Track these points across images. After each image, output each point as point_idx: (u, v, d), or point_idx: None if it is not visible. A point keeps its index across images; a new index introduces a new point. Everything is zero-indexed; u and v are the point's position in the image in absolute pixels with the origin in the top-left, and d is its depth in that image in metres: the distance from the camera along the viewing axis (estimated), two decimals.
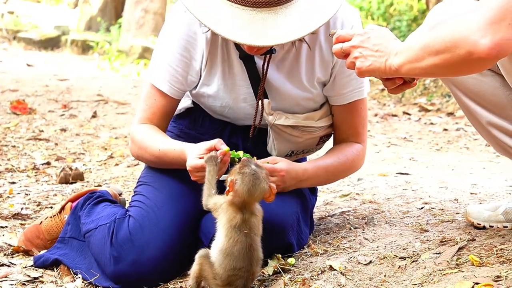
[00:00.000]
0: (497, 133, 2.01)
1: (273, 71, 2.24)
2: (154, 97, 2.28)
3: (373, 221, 2.46)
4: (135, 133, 2.30)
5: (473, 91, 2.01)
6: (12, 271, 2.26)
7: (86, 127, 5.23)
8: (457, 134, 5.10)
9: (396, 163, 3.76)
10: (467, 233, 2.10)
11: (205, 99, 2.31)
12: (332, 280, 1.97)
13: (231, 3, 2.00)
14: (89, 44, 12.51)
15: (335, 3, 2.08)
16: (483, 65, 1.63)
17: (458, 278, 1.74)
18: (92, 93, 6.85)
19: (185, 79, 2.25)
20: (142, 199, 2.24)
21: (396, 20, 12.04)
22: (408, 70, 1.75)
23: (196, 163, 2.05)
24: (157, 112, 2.29)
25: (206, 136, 2.35)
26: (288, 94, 2.26)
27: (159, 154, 2.23)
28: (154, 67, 2.27)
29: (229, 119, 2.34)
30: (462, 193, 2.80)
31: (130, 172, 3.74)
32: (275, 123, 2.25)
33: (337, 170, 2.32)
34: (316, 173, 2.26)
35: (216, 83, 2.26)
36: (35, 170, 3.84)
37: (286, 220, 2.17)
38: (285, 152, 2.31)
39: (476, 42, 1.57)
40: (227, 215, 1.90)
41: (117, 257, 2.13)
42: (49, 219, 2.50)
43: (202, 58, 2.23)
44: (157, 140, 2.24)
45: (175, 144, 2.20)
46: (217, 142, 2.07)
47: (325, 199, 2.91)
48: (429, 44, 1.67)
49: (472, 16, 1.59)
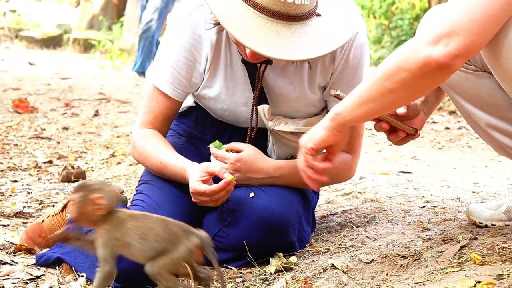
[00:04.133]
0: (496, 135, 2.01)
1: (275, 77, 2.24)
2: (157, 99, 2.27)
3: (375, 219, 2.46)
4: (137, 140, 2.30)
5: (471, 94, 2.00)
6: (14, 269, 2.26)
7: (88, 125, 5.23)
8: (459, 132, 5.10)
9: (398, 161, 3.76)
10: (469, 232, 2.10)
11: (206, 101, 2.31)
12: (334, 279, 1.97)
13: (249, 8, 1.99)
14: (91, 43, 12.53)
15: (348, 31, 2.08)
16: (442, 74, 1.68)
17: (460, 277, 1.73)
18: (94, 91, 6.85)
19: (189, 81, 2.26)
20: (144, 198, 2.24)
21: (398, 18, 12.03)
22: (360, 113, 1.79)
23: (199, 189, 2.07)
24: (159, 115, 2.29)
25: (207, 136, 2.36)
26: (290, 101, 2.26)
27: (160, 166, 2.24)
28: (158, 69, 2.27)
29: (230, 122, 2.34)
30: (464, 191, 2.80)
31: (132, 171, 3.74)
32: (275, 129, 2.25)
33: None
34: (292, 173, 2.19)
35: (218, 86, 2.26)
36: (37, 168, 3.84)
37: (287, 219, 2.16)
38: (284, 156, 2.30)
39: (431, 51, 1.64)
40: None
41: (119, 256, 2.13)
42: (51, 218, 2.50)
43: (206, 61, 2.23)
44: (159, 150, 2.24)
45: (176, 160, 2.20)
46: (220, 170, 2.08)
47: (327, 198, 2.91)
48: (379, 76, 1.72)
49: (415, 38, 1.70)
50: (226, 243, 2.18)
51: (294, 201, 2.23)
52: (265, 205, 2.14)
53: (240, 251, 2.16)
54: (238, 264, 2.20)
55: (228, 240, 2.17)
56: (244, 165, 2.17)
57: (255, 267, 2.17)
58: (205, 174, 2.10)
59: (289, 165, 2.23)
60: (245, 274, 2.16)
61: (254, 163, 2.18)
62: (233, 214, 2.16)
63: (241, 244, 2.14)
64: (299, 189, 2.28)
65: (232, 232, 2.16)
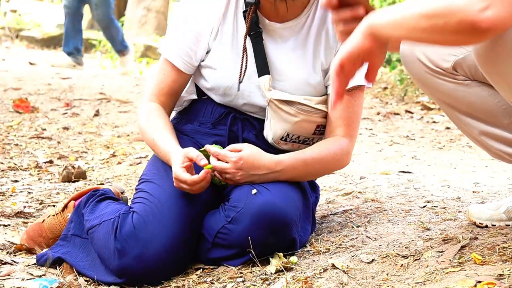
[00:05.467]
0: (491, 142, 2.03)
1: (278, 52, 2.31)
2: (164, 72, 2.38)
3: (376, 219, 2.46)
4: (140, 113, 2.39)
5: (463, 103, 2.01)
6: (15, 269, 2.26)
7: (89, 125, 5.23)
8: (459, 132, 5.09)
9: (398, 161, 3.76)
10: (470, 232, 2.10)
11: (209, 77, 2.35)
12: (334, 279, 1.97)
13: None
14: (91, 43, 12.52)
15: None
16: (479, 37, 1.53)
17: (460, 277, 1.74)
18: (95, 91, 6.84)
19: (195, 53, 2.34)
20: (146, 196, 2.25)
21: None
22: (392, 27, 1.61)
23: (181, 177, 2.14)
24: (165, 87, 2.38)
25: (207, 125, 2.40)
26: (290, 76, 2.32)
27: (152, 143, 2.32)
28: (166, 42, 2.38)
29: (231, 99, 2.35)
30: (464, 191, 2.80)
31: (133, 171, 3.74)
32: (273, 98, 2.28)
33: (317, 163, 2.28)
34: (293, 165, 2.24)
35: (223, 58, 2.33)
36: (38, 168, 3.84)
37: (290, 215, 2.17)
38: (280, 133, 2.32)
39: (476, 11, 1.48)
40: None
41: (121, 251, 2.14)
42: (52, 218, 2.50)
43: (211, 32, 2.32)
44: (155, 126, 2.32)
45: (165, 142, 2.27)
46: (197, 157, 2.15)
47: (327, 198, 2.91)
48: (421, 10, 1.56)
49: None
50: (229, 239, 2.18)
51: (295, 198, 2.24)
52: (268, 201, 2.15)
53: (243, 248, 2.16)
54: (241, 261, 2.20)
55: (231, 237, 2.18)
56: (246, 163, 2.18)
57: (255, 266, 2.17)
58: (186, 159, 2.16)
59: (290, 157, 2.25)
60: (245, 274, 2.16)
61: (256, 160, 2.20)
62: (236, 210, 2.17)
63: (245, 240, 2.15)
64: (300, 187, 2.30)
65: (236, 228, 2.16)
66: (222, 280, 2.15)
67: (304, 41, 2.33)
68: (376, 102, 6.78)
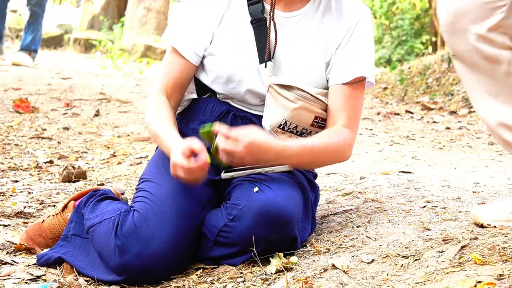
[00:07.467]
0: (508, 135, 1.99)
1: (281, 40, 2.34)
2: (171, 63, 2.39)
3: (376, 219, 2.46)
4: (148, 106, 2.41)
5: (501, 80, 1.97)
6: (15, 269, 2.26)
7: (89, 125, 5.23)
8: (460, 132, 5.10)
9: (399, 161, 3.76)
10: (470, 232, 2.10)
11: (212, 65, 2.36)
12: (334, 279, 1.97)
13: None
14: (91, 43, 12.53)
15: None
16: None
17: (460, 277, 1.74)
18: (95, 91, 6.84)
19: (200, 41, 2.36)
20: (146, 195, 2.25)
21: (399, 18, 12.04)
22: None
23: (179, 162, 2.11)
24: (172, 78, 2.38)
25: (207, 123, 2.38)
26: (292, 65, 2.34)
27: (156, 135, 2.31)
28: (172, 30, 2.40)
29: (234, 86, 2.35)
30: (464, 191, 2.79)
31: (133, 171, 3.74)
32: (272, 83, 2.28)
33: (322, 152, 2.27)
34: (299, 152, 2.22)
35: (226, 45, 2.34)
36: (38, 168, 3.84)
37: (292, 212, 2.17)
38: (278, 120, 2.30)
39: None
40: None
41: (122, 248, 2.14)
42: (52, 218, 2.51)
43: (216, 20, 2.34)
44: (160, 120, 2.32)
45: (168, 137, 2.25)
46: (200, 149, 2.12)
47: (327, 198, 2.91)
48: None
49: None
50: (231, 237, 2.18)
51: (296, 196, 2.24)
52: (269, 199, 2.15)
53: (245, 245, 2.16)
54: (243, 259, 2.20)
55: (233, 235, 2.18)
56: (257, 147, 2.15)
57: (255, 266, 2.17)
58: (188, 151, 2.13)
59: (297, 144, 2.24)
60: (245, 274, 2.16)
61: (265, 144, 2.16)
62: (238, 208, 2.17)
63: (247, 237, 2.15)
64: (300, 185, 2.30)
65: (238, 226, 2.16)
66: (222, 280, 2.15)
67: (308, 31, 2.35)
68: (376, 102, 6.78)
